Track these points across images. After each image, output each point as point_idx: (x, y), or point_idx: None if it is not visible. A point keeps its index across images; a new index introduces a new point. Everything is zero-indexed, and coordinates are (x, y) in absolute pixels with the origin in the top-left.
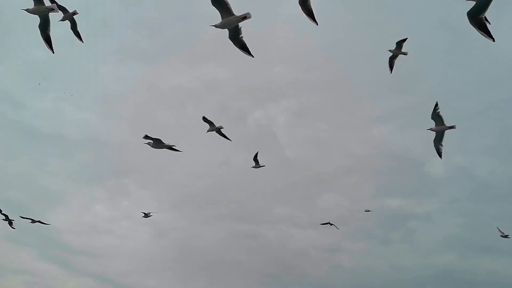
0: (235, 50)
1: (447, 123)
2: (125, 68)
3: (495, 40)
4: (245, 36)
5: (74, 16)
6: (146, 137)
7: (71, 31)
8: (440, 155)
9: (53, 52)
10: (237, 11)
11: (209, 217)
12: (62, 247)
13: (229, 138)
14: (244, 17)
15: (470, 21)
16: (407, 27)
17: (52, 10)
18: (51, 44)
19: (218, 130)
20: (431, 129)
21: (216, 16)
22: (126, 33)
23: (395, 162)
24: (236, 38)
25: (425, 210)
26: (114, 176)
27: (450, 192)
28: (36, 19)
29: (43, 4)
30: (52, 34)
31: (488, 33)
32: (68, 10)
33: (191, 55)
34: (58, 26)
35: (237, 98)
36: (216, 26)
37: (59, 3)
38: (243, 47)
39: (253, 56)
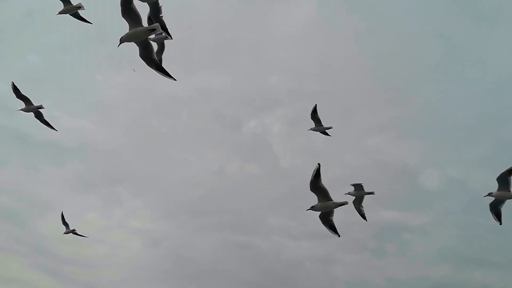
0: (231, 58)
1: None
2: (120, 75)
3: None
4: (244, 43)
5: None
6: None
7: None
8: (364, 217)
9: (175, 79)
10: (236, 18)
11: (202, 226)
12: (53, 256)
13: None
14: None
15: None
16: (402, 39)
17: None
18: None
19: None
20: (349, 193)
21: (216, 15)
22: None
23: (389, 174)
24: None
25: (420, 222)
26: (107, 184)
27: (445, 204)
28: (29, 24)
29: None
30: (47, 41)
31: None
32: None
33: (186, 63)
34: (52, 33)
35: (232, 106)
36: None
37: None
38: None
39: (175, 79)
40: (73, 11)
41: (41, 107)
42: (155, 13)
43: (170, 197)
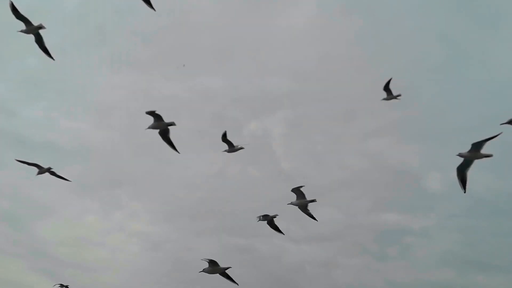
0: (231, 60)
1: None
2: (119, 77)
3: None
4: (244, 44)
5: (39, 31)
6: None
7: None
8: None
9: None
10: (235, 18)
11: (202, 229)
12: (52, 259)
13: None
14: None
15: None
16: (404, 40)
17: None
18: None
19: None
20: (292, 203)
21: (215, 19)
22: (120, 42)
23: (391, 176)
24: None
25: (422, 226)
26: (106, 187)
27: (447, 208)
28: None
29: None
30: (46, 42)
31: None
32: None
33: (185, 64)
34: (51, 34)
35: (232, 108)
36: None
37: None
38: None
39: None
40: (35, 31)
41: (41, 26)
42: None
43: (170, 200)
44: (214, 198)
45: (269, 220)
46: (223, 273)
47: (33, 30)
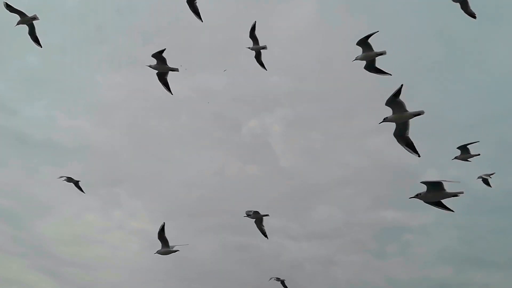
0: (230, 58)
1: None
2: (119, 76)
3: (420, 155)
4: (243, 43)
5: (33, 22)
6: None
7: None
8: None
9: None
10: (235, 18)
11: (202, 227)
12: (52, 258)
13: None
14: None
15: (397, 140)
16: (403, 39)
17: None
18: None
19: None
20: (248, 216)
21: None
22: (120, 40)
23: (390, 174)
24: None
25: (420, 223)
26: (106, 185)
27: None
28: (27, 26)
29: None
30: (46, 41)
31: (414, 149)
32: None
33: (185, 64)
34: (52, 33)
35: (231, 107)
36: None
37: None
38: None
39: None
40: (29, 22)
41: (35, 17)
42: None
43: (169, 198)
44: (214, 197)
45: (259, 219)
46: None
47: (27, 20)
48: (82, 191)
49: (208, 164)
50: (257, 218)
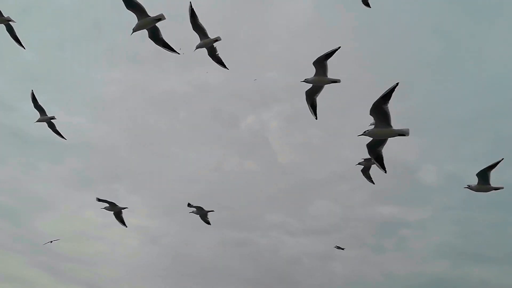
0: (228, 54)
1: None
2: (117, 72)
3: (386, 172)
4: (241, 38)
5: (10, 22)
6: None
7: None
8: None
9: (178, 53)
10: (232, 13)
11: (200, 223)
12: (52, 254)
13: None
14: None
15: (369, 153)
16: (400, 35)
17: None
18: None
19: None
20: (193, 212)
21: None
22: (117, 36)
23: (387, 169)
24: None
25: (417, 218)
26: (105, 181)
27: (443, 200)
28: (25, 19)
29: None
30: (43, 37)
31: (382, 165)
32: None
33: (183, 59)
34: (49, 29)
35: (229, 102)
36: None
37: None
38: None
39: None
40: (5, 22)
41: (10, 19)
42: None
43: (168, 194)
44: (212, 192)
45: (203, 215)
46: None
47: (3, 21)
48: (124, 224)
49: (206, 160)
50: (202, 214)
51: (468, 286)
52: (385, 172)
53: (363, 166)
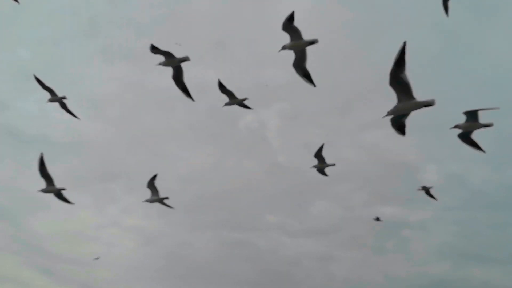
0: (226, 52)
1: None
2: (112, 70)
3: (405, 134)
4: (239, 36)
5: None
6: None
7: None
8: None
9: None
10: (230, 11)
11: (198, 224)
12: (47, 254)
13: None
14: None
15: (392, 125)
16: (401, 31)
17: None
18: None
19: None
20: (147, 200)
21: (208, 14)
22: (113, 33)
23: (388, 169)
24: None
25: (419, 218)
26: (100, 181)
27: (444, 200)
28: (19, 16)
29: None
30: (37, 34)
31: (403, 132)
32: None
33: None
34: (43, 26)
35: (227, 101)
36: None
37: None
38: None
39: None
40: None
41: (64, 97)
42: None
43: (164, 193)
44: (210, 192)
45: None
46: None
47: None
48: (73, 114)
49: (204, 159)
50: (235, 102)
51: (469, 287)
52: (404, 135)
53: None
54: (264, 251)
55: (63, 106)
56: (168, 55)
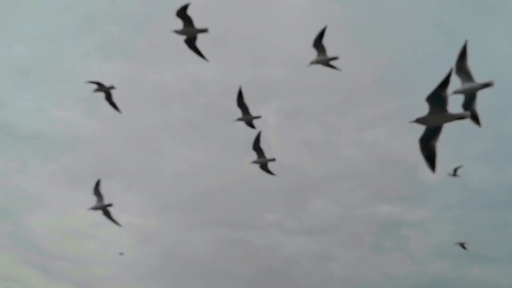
0: (225, 48)
1: None
2: (109, 66)
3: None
4: (238, 33)
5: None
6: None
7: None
8: None
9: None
10: (229, 7)
11: (195, 222)
12: (42, 252)
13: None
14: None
15: (421, 148)
16: (401, 29)
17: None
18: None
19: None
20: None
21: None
22: (110, 29)
23: (387, 167)
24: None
25: (418, 217)
26: (97, 178)
27: (443, 199)
28: (16, 12)
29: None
30: (34, 29)
31: (433, 166)
32: None
33: (178, 53)
34: (39, 22)
35: (225, 98)
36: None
37: None
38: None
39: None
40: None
41: (112, 87)
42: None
43: (162, 191)
44: (207, 190)
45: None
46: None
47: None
48: (116, 108)
49: (201, 157)
50: (262, 163)
51: (467, 286)
52: (434, 172)
53: None
54: (262, 250)
55: (108, 97)
56: (189, 22)
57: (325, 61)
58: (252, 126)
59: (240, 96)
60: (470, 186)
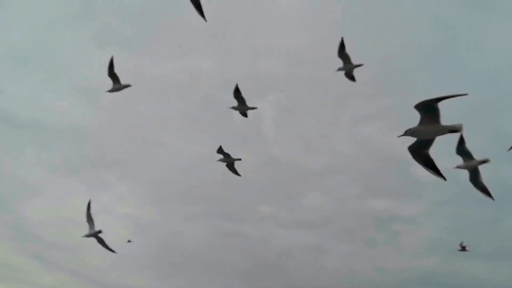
0: (222, 42)
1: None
2: (108, 55)
3: (446, 179)
4: (236, 26)
5: None
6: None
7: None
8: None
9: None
10: (226, 4)
11: (191, 213)
12: (39, 241)
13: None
14: None
15: (413, 158)
16: (397, 25)
17: None
18: None
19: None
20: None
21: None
22: (108, 18)
23: (381, 163)
24: None
25: (410, 212)
26: (94, 168)
27: (436, 195)
28: (12, 2)
29: None
30: (31, 17)
31: (437, 171)
32: None
33: (176, 45)
34: (37, 9)
35: (222, 91)
36: None
37: None
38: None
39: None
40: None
41: (128, 85)
42: None
43: (158, 182)
44: (203, 182)
45: (230, 163)
46: None
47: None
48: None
49: (198, 149)
50: (228, 162)
51: (458, 281)
52: (445, 179)
53: None
54: (256, 242)
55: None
56: None
57: (351, 69)
58: (245, 115)
59: (237, 91)
60: (463, 182)
